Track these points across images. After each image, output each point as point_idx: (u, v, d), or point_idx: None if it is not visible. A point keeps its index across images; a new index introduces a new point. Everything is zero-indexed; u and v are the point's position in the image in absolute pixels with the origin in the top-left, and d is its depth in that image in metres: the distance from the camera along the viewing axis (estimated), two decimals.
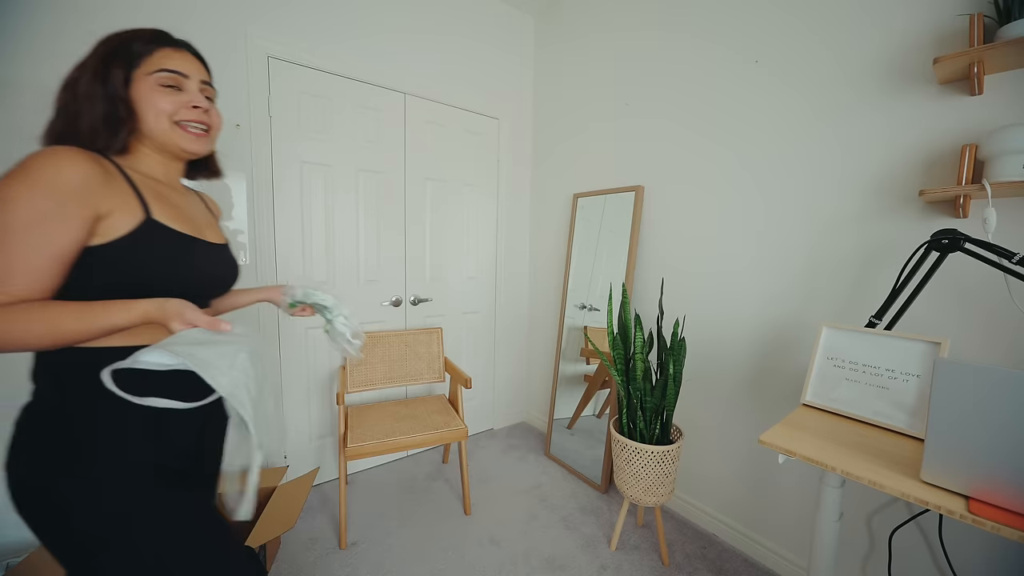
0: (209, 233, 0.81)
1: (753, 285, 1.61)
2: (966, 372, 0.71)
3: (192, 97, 0.74)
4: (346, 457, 1.62)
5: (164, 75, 0.71)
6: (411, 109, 2.18)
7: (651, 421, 1.55)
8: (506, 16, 2.50)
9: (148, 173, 0.74)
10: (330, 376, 2.08)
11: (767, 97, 1.54)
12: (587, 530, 1.77)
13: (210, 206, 0.93)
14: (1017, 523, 0.65)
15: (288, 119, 1.84)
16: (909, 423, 0.97)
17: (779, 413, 1.53)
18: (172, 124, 0.73)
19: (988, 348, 1.11)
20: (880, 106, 1.27)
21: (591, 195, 2.26)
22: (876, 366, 1.04)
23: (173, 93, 0.73)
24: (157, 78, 0.71)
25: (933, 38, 1.17)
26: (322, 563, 1.56)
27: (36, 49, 1.34)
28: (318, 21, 1.86)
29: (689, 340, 1.81)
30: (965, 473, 0.72)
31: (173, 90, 0.73)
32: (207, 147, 0.79)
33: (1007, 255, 0.94)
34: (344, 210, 2.03)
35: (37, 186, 0.58)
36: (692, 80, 1.78)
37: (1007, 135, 0.98)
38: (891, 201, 1.26)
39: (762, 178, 1.56)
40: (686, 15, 1.79)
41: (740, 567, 1.58)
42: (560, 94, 2.48)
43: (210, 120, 0.77)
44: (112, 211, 0.64)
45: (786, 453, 0.91)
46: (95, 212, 0.62)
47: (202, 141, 0.77)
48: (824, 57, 1.38)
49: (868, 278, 1.31)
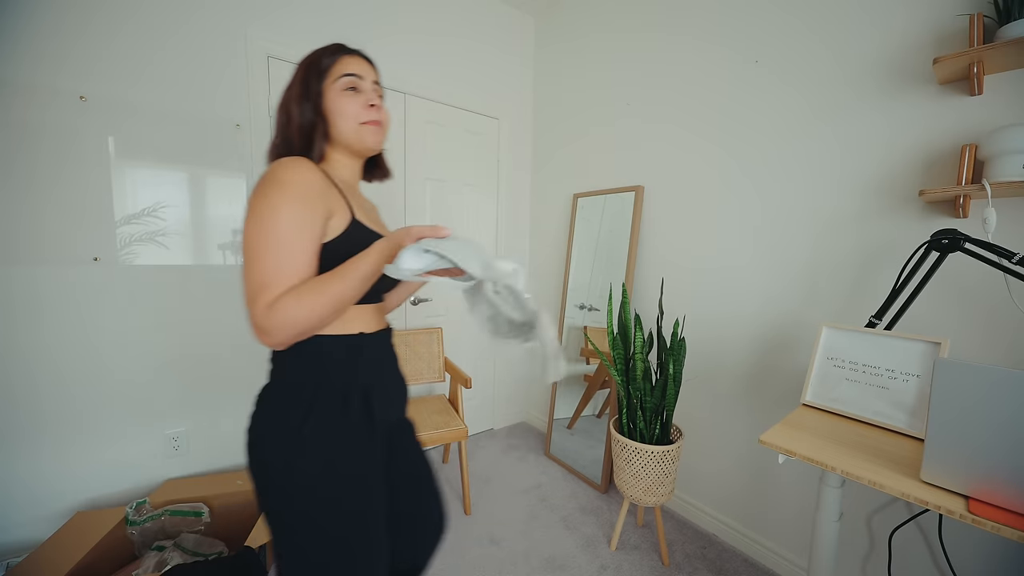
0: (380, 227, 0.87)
1: (753, 285, 1.61)
2: (966, 372, 0.71)
3: (368, 96, 0.80)
4: None
5: (345, 79, 0.78)
6: (411, 109, 2.18)
7: (651, 421, 1.55)
8: (506, 16, 2.50)
9: (341, 177, 0.82)
10: None
11: (767, 97, 1.54)
12: (587, 530, 1.77)
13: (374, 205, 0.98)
14: (1017, 523, 0.65)
15: None
16: (909, 423, 0.97)
17: (779, 413, 1.53)
18: (358, 125, 0.79)
19: (988, 348, 1.11)
20: (880, 106, 1.27)
21: (591, 195, 2.26)
22: (876, 366, 1.04)
23: (354, 95, 0.79)
24: (341, 83, 0.78)
25: (933, 38, 1.17)
26: None
27: (36, 49, 1.34)
28: (318, 21, 1.86)
29: (689, 340, 1.81)
30: (965, 473, 0.72)
31: (354, 92, 0.79)
32: (381, 141, 0.84)
33: (1007, 255, 0.94)
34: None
35: (293, 195, 0.65)
36: (692, 80, 1.78)
37: (1007, 135, 0.98)
38: (891, 201, 1.26)
39: (762, 178, 1.57)
40: (686, 16, 1.79)
41: (740, 567, 1.58)
42: (560, 95, 2.48)
43: (382, 117, 0.82)
44: (334, 212, 0.71)
45: (786, 453, 0.91)
46: (329, 213, 0.70)
47: (380, 137, 0.82)
48: (824, 57, 1.39)
49: (868, 278, 1.31)
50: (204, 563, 1.18)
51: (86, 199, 1.46)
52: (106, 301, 1.51)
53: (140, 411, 1.61)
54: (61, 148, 1.41)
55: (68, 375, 1.47)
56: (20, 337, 1.39)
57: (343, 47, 0.81)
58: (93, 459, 1.54)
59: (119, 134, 1.49)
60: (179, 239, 1.63)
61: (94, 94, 1.43)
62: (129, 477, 1.60)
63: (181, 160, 1.61)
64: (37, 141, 1.37)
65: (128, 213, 1.53)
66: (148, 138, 1.54)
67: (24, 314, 1.39)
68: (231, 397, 1.80)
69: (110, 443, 1.56)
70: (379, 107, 0.81)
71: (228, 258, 1.74)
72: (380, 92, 0.83)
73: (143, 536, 1.40)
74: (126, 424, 1.58)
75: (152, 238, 1.58)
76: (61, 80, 1.38)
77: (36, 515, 1.45)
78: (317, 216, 0.68)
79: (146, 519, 1.41)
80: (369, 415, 0.74)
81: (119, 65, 1.47)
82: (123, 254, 1.53)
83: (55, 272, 1.43)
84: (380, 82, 0.84)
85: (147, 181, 1.55)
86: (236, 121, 1.70)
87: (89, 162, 1.45)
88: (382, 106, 0.82)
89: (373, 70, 0.83)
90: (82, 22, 1.40)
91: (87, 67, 1.42)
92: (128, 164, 1.51)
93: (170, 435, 1.67)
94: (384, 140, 0.85)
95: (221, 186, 1.70)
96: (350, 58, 0.80)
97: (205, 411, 1.75)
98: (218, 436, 1.78)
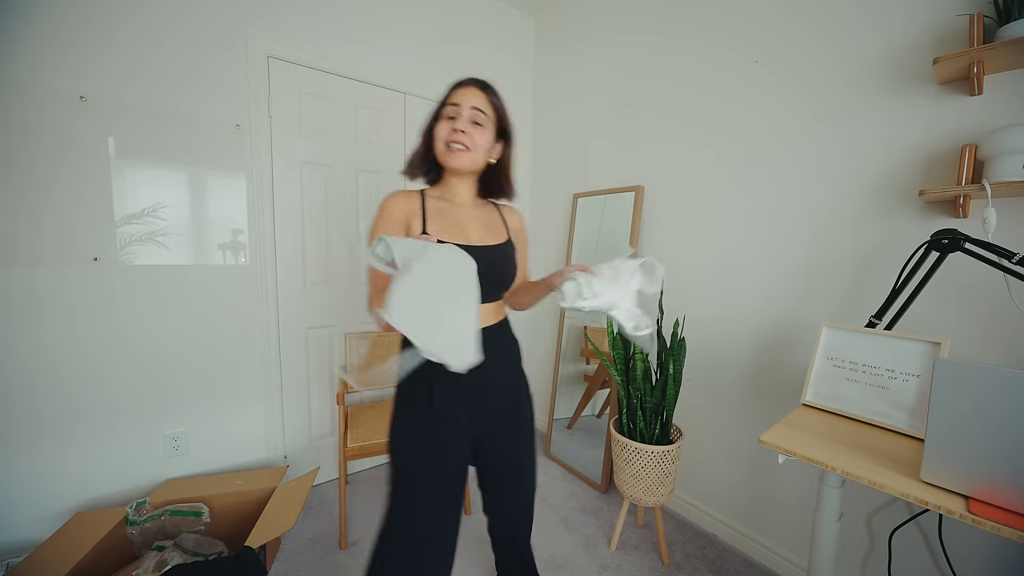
0: (478, 237, 0.97)
1: (753, 285, 1.61)
2: (966, 372, 0.71)
3: (457, 122, 0.92)
4: (346, 457, 1.62)
5: (445, 109, 0.94)
6: (411, 109, 2.18)
7: (651, 421, 1.55)
8: (507, 16, 2.50)
9: (444, 196, 0.99)
10: (330, 376, 2.08)
11: (767, 98, 1.54)
12: (587, 530, 1.77)
13: (505, 217, 1.07)
14: (1017, 523, 0.65)
15: (288, 119, 1.84)
16: (909, 423, 0.97)
17: (779, 413, 1.53)
18: (445, 146, 0.93)
19: (988, 348, 1.11)
20: (880, 106, 1.27)
21: (591, 195, 2.26)
22: (876, 366, 1.04)
23: (448, 121, 0.93)
24: (443, 112, 0.94)
25: (933, 38, 1.17)
26: (322, 563, 1.56)
27: (36, 49, 1.34)
28: (318, 21, 1.86)
29: (689, 340, 1.80)
30: (965, 473, 0.72)
31: (451, 120, 0.93)
32: (463, 162, 0.94)
33: (1007, 255, 0.94)
34: (344, 210, 2.03)
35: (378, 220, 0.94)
36: (692, 81, 1.78)
37: (1007, 135, 0.98)
38: (891, 201, 1.26)
39: (762, 178, 1.57)
40: (686, 17, 1.79)
41: (740, 567, 1.58)
42: (560, 95, 2.48)
43: (466, 140, 0.92)
44: (411, 226, 0.93)
45: (786, 453, 0.91)
46: (406, 227, 0.93)
47: (460, 157, 0.93)
48: (823, 57, 1.39)
49: (868, 278, 1.31)
50: (204, 563, 1.18)
51: (86, 199, 1.45)
52: (106, 301, 1.51)
53: (140, 411, 1.61)
54: (61, 148, 1.40)
55: (67, 375, 1.47)
56: (18, 337, 1.39)
57: (459, 82, 0.96)
58: (93, 459, 1.53)
59: (119, 134, 1.49)
60: (179, 239, 1.63)
61: (94, 94, 1.43)
62: (129, 477, 1.60)
63: (181, 160, 1.61)
64: (36, 141, 1.37)
65: (128, 213, 1.53)
66: (148, 138, 1.54)
67: (23, 314, 1.39)
68: (231, 397, 1.80)
69: (110, 443, 1.56)
70: (468, 132, 0.91)
71: (228, 258, 1.74)
72: (478, 118, 0.93)
73: (143, 536, 1.40)
74: (126, 424, 1.58)
75: (152, 238, 1.57)
76: (61, 80, 1.38)
77: (36, 515, 1.45)
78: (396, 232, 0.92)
79: (146, 519, 1.41)
80: (430, 406, 0.91)
81: (119, 65, 1.47)
82: (123, 254, 1.53)
83: (55, 272, 1.43)
84: (482, 108, 0.93)
85: (147, 181, 1.55)
86: (236, 121, 1.70)
87: (89, 162, 1.45)
88: (473, 130, 0.92)
89: (480, 96, 0.94)
90: (82, 22, 1.40)
91: (87, 67, 1.42)
92: (128, 164, 1.51)
93: (170, 435, 1.67)
94: (468, 161, 0.94)
95: (221, 186, 1.70)
96: (459, 90, 0.94)
97: (205, 411, 1.75)
98: (218, 436, 1.78)
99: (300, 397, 2.00)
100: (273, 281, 1.85)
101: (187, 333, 1.68)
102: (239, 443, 1.84)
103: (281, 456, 1.95)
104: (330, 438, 2.11)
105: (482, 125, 0.94)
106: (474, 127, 0.93)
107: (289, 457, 1.98)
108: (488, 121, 0.94)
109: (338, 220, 2.01)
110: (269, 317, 1.85)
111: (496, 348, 0.94)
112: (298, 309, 1.94)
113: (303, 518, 1.80)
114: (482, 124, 0.94)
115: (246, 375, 1.82)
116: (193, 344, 1.69)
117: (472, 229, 0.97)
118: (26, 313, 1.39)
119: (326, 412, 2.09)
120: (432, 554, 0.93)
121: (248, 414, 1.85)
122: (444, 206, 0.97)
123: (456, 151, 0.92)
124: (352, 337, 1.97)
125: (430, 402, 0.91)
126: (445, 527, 0.94)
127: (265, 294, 1.83)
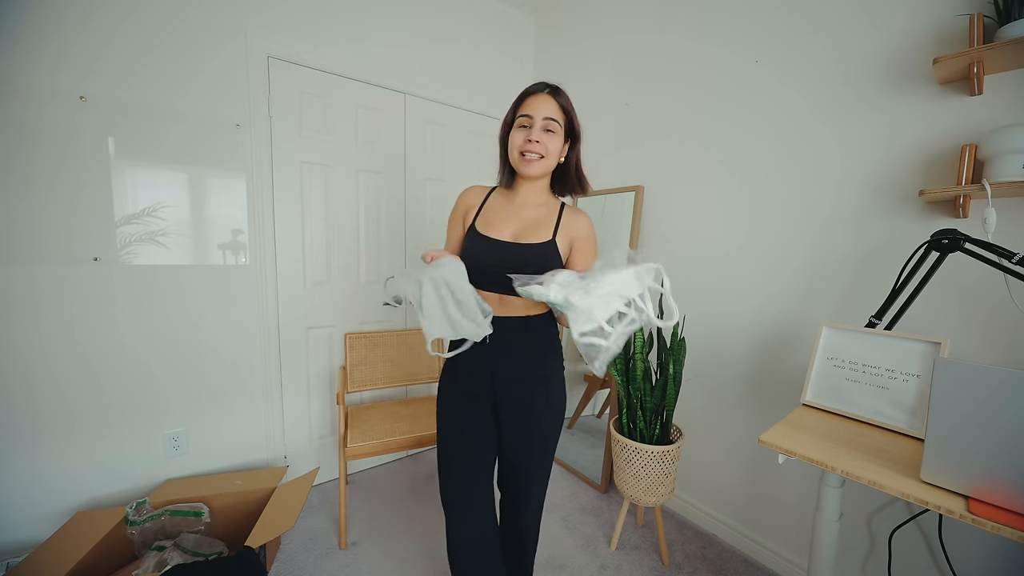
0: (513, 234, 1.02)
1: (754, 285, 1.61)
2: (966, 372, 0.71)
3: (531, 133, 0.98)
4: (346, 457, 1.62)
5: (519, 119, 1.00)
6: (411, 109, 2.18)
7: (651, 421, 1.55)
8: (507, 16, 2.50)
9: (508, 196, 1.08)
10: (330, 376, 2.08)
11: (766, 98, 1.54)
12: (587, 530, 1.77)
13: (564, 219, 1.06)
14: (1017, 523, 0.65)
15: (288, 119, 1.84)
16: (909, 423, 0.97)
17: (779, 413, 1.53)
18: (519, 155, 1.00)
19: (988, 348, 1.11)
20: (880, 106, 1.27)
21: (591, 195, 2.25)
22: (876, 366, 1.04)
23: (523, 131, 0.99)
24: (517, 122, 1.01)
25: (933, 38, 1.17)
26: (322, 563, 1.56)
27: (35, 49, 1.34)
28: (318, 21, 1.86)
29: (689, 340, 1.80)
30: (965, 473, 0.72)
31: (525, 130, 0.99)
32: (537, 170, 1.00)
33: (1007, 255, 0.94)
34: (344, 210, 2.03)
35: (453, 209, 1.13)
36: (693, 81, 1.78)
37: (1007, 135, 0.98)
38: (891, 201, 1.26)
39: (762, 178, 1.57)
40: (686, 18, 1.79)
41: (740, 567, 1.58)
42: None
43: (540, 149, 0.98)
44: (467, 218, 1.08)
45: (786, 453, 0.91)
46: (463, 218, 1.10)
47: (533, 166, 0.99)
48: (823, 58, 1.39)
49: (868, 278, 1.31)
50: (204, 563, 1.18)
51: (85, 199, 1.45)
52: (106, 301, 1.51)
53: (140, 411, 1.61)
54: (60, 148, 1.40)
55: (67, 375, 1.47)
56: (18, 337, 1.39)
57: (532, 87, 1.01)
58: (92, 459, 1.53)
59: (119, 133, 1.49)
60: (179, 239, 1.63)
61: (94, 94, 1.43)
62: (129, 477, 1.60)
63: (181, 160, 1.61)
64: (36, 140, 1.37)
65: (128, 213, 1.53)
66: (148, 138, 1.54)
67: (22, 314, 1.39)
68: (231, 397, 1.80)
69: (109, 443, 1.56)
70: (541, 141, 0.97)
71: (228, 258, 1.74)
72: (551, 127, 0.98)
73: (143, 536, 1.40)
74: (126, 424, 1.58)
75: (152, 238, 1.57)
76: (60, 79, 1.38)
77: (36, 515, 1.45)
78: (456, 222, 1.11)
79: (146, 519, 1.41)
80: (455, 383, 1.07)
81: (119, 64, 1.47)
82: (123, 254, 1.53)
83: (54, 272, 1.42)
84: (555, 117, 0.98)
85: (147, 181, 1.55)
86: (236, 121, 1.70)
87: (88, 161, 1.45)
88: (545, 139, 0.98)
89: (552, 105, 0.99)
90: (81, 21, 1.40)
91: (86, 66, 1.42)
92: (128, 164, 1.51)
93: (170, 435, 1.67)
94: (544, 168, 1.01)
95: (221, 186, 1.70)
96: (532, 98, 0.99)
97: (205, 411, 1.75)
98: (218, 436, 1.78)
99: (300, 397, 2.00)
100: (273, 281, 1.85)
101: (187, 333, 1.68)
102: (239, 443, 1.84)
103: (281, 456, 1.95)
104: (330, 438, 2.11)
105: (554, 132, 0.99)
106: (546, 135, 0.98)
107: (289, 457, 1.98)
108: (559, 127, 1.00)
109: (338, 220, 2.01)
110: (269, 317, 1.85)
111: (512, 339, 1.01)
112: (298, 309, 1.94)
113: (303, 518, 1.80)
114: (554, 131, 0.99)
115: (246, 375, 1.82)
116: (193, 344, 1.69)
117: (512, 226, 1.03)
118: (25, 313, 1.39)
119: (326, 412, 2.09)
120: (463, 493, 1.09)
121: (248, 414, 1.85)
122: (502, 203, 1.07)
123: (530, 161, 0.99)
124: (352, 337, 1.97)
125: (454, 380, 1.08)
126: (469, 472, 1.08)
127: (265, 294, 1.83)
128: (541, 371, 1.07)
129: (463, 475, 1.08)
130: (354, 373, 1.98)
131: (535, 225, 1.03)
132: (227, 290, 1.74)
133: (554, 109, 0.99)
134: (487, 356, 1.01)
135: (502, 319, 0.98)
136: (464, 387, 1.06)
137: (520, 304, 1.01)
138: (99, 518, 1.37)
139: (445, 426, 1.10)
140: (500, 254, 1.00)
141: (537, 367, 1.06)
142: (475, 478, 1.08)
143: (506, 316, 1.00)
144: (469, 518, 1.08)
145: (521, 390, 1.05)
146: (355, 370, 1.98)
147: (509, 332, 1.00)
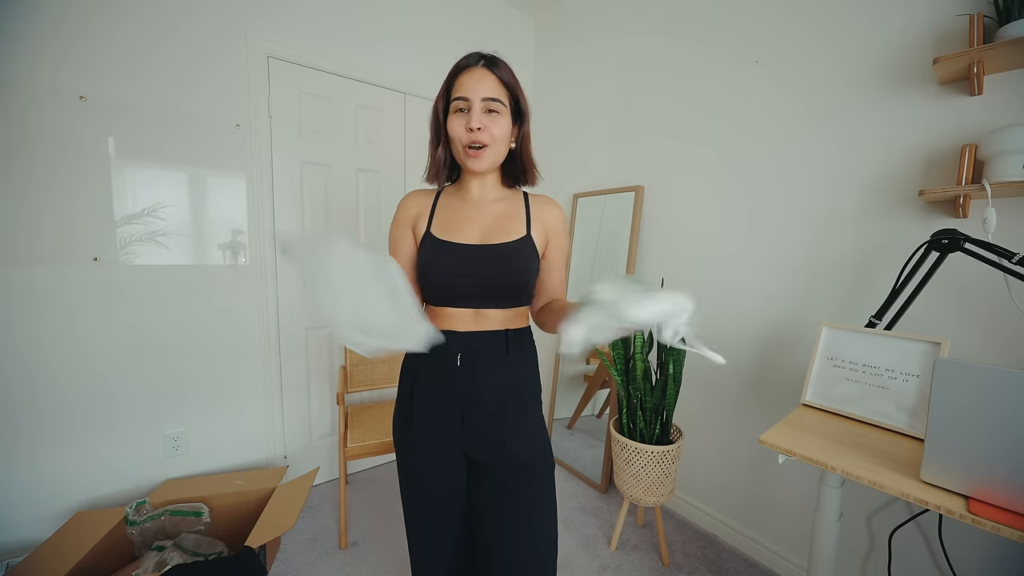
0: (479, 236, 0.87)
1: (754, 285, 1.61)
2: (966, 372, 0.71)
3: (469, 118, 0.80)
4: (346, 457, 1.62)
5: (454, 102, 0.81)
6: (411, 109, 2.18)
7: (651, 421, 1.55)
8: (507, 16, 2.50)
9: (458, 193, 0.91)
10: (330, 376, 2.08)
11: (766, 99, 1.53)
12: (587, 530, 1.77)
13: (533, 210, 0.92)
14: (1017, 523, 0.65)
15: (288, 119, 1.84)
16: (909, 423, 0.97)
17: (779, 413, 1.53)
18: (463, 148, 0.82)
19: (988, 348, 1.11)
20: (879, 106, 1.27)
21: (591, 195, 2.26)
22: (876, 366, 1.04)
23: (461, 117, 0.81)
24: (452, 107, 0.82)
25: (933, 38, 1.17)
26: (322, 563, 1.56)
27: (35, 49, 1.34)
28: (318, 21, 1.86)
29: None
30: (965, 473, 0.72)
31: (463, 115, 0.81)
32: (487, 164, 0.84)
33: (1007, 255, 0.94)
34: (344, 210, 2.03)
35: (394, 219, 0.93)
36: (692, 81, 1.78)
37: (1007, 135, 0.98)
38: (891, 201, 1.26)
39: (762, 178, 1.57)
40: (686, 18, 1.79)
41: (740, 567, 1.58)
42: (560, 96, 2.48)
43: (484, 137, 0.80)
44: (417, 226, 0.89)
45: (786, 453, 0.91)
46: (413, 228, 0.90)
47: (482, 159, 0.82)
48: (823, 58, 1.38)
49: (868, 278, 1.31)
50: (204, 563, 1.18)
51: (86, 199, 1.45)
52: (106, 301, 1.51)
53: (140, 411, 1.61)
54: (60, 148, 1.40)
55: (67, 375, 1.47)
56: (18, 337, 1.39)
57: (464, 60, 0.82)
58: (92, 459, 1.53)
59: (119, 134, 1.49)
60: (179, 239, 1.63)
61: (94, 94, 1.43)
62: (129, 477, 1.60)
63: (181, 160, 1.61)
64: (36, 141, 1.37)
65: (128, 213, 1.53)
66: (148, 138, 1.54)
67: (23, 314, 1.39)
68: (231, 397, 1.80)
69: (109, 443, 1.56)
70: (485, 127, 0.79)
71: (228, 258, 1.74)
72: (494, 107, 0.80)
73: (143, 536, 1.40)
74: (126, 424, 1.58)
75: (152, 238, 1.57)
76: (60, 80, 1.38)
77: (36, 515, 1.45)
78: (404, 232, 0.90)
79: (146, 519, 1.41)
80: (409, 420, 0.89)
81: (119, 65, 1.47)
82: (123, 254, 1.53)
83: (54, 272, 1.43)
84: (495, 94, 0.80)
85: (147, 181, 1.55)
86: (236, 121, 1.70)
87: (88, 162, 1.45)
88: (488, 125, 0.80)
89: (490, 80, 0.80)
90: (81, 21, 1.40)
91: (86, 66, 1.42)
92: (128, 164, 1.51)
93: (170, 435, 1.67)
94: (488, 162, 0.83)
95: (221, 186, 1.70)
96: (465, 74, 0.81)
97: (205, 411, 1.75)
98: (218, 436, 1.78)
99: (300, 397, 2.00)
100: (273, 281, 1.85)
101: (187, 333, 1.68)
102: (239, 443, 1.84)
103: (281, 456, 1.95)
104: (330, 438, 2.11)
105: (498, 112, 0.81)
106: (489, 117, 0.80)
107: (289, 457, 1.98)
108: (503, 107, 0.82)
109: (338, 220, 2.01)
110: (269, 317, 1.85)
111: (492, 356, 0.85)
112: (298, 309, 1.94)
113: (303, 518, 1.80)
114: (498, 111, 0.81)
115: (246, 375, 1.82)
116: (193, 344, 1.69)
117: (476, 227, 0.87)
118: (26, 313, 1.39)
119: (326, 412, 2.09)
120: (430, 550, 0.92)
121: (248, 414, 1.85)
122: (455, 203, 0.90)
123: (476, 154, 0.82)
124: None
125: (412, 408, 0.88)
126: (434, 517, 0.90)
127: (265, 294, 1.83)
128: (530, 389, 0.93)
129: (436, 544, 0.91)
130: (354, 373, 1.98)
131: (503, 221, 0.89)
132: (227, 290, 1.74)
133: (494, 86, 0.80)
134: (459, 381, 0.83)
135: (479, 334, 0.84)
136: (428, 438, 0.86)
137: (499, 317, 0.86)
138: (99, 518, 1.37)
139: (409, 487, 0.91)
140: (471, 259, 0.84)
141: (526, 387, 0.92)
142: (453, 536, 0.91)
143: (484, 331, 0.85)
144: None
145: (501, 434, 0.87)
146: (355, 370, 1.98)
147: (487, 347, 0.85)
